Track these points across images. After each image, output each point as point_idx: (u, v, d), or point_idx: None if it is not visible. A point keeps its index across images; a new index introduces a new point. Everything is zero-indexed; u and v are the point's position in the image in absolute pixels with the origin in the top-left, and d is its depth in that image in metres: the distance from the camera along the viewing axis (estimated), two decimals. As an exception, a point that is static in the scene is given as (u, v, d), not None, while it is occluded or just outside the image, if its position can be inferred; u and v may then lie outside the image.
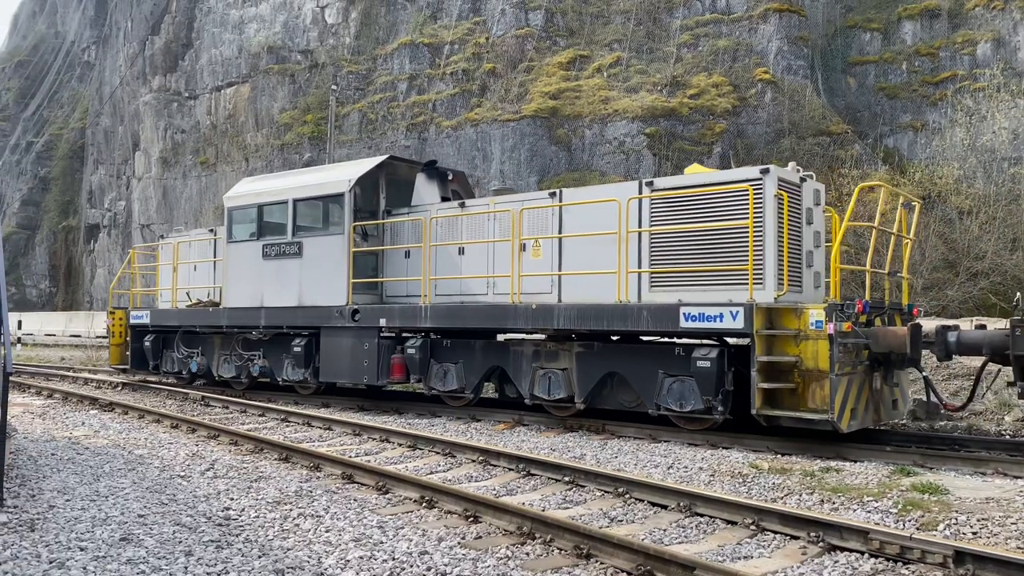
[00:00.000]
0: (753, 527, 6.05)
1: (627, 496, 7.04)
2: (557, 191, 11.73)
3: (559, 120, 30.27)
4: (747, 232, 9.36)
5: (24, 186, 54.52)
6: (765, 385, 8.89)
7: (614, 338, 10.95)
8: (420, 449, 9.56)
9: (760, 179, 9.56)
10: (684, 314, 9.52)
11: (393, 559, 5.25)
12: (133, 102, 47.02)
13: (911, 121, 28.86)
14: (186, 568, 5.00)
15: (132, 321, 17.34)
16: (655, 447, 9.52)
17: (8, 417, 11.95)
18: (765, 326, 9.06)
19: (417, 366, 12.43)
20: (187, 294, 16.84)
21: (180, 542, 5.56)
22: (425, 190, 13.77)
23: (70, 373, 19.79)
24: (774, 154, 28.06)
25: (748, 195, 9.36)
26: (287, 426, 11.59)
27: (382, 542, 5.65)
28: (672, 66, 30.65)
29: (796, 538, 5.81)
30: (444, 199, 13.72)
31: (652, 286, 10.37)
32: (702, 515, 6.45)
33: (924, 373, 9.54)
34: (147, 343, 17.02)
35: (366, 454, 9.36)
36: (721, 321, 9.23)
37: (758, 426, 9.37)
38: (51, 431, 10.85)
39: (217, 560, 5.17)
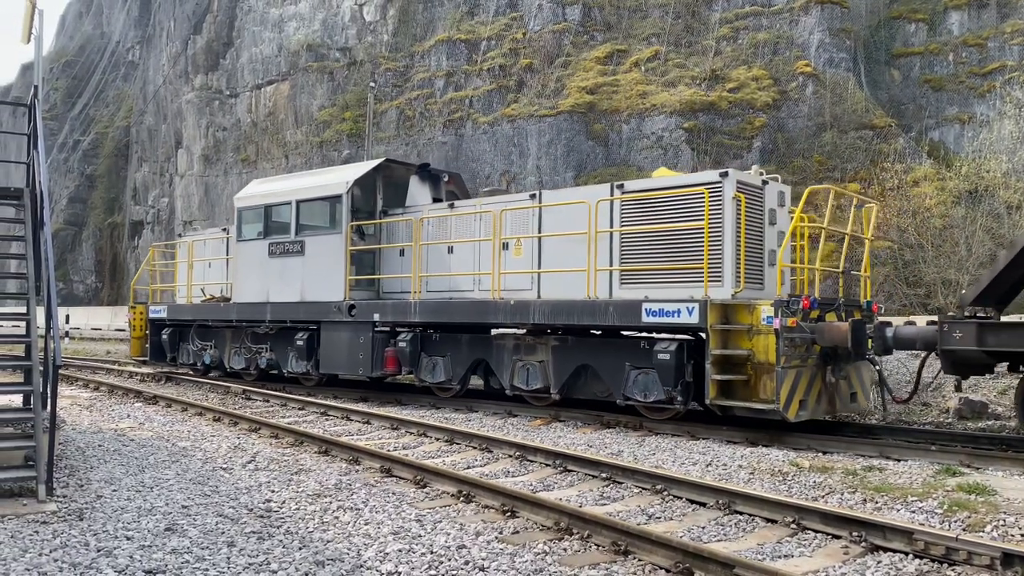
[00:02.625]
0: (794, 526, 5.98)
1: (665, 493, 7.00)
2: (537, 193, 12.33)
3: (596, 115, 30.12)
4: (703, 232, 9.88)
5: (71, 184, 55.74)
6: (718, 377, 9.42)
7: (597, 332, 11.39)
8: (457, 443, 9.60)
9: (719, 182, 10.07)
10: (646, 310, 10.12)
11: (431, 552, 5.28)
12: (176, 100, 47.83)
13: (958, 113, 28.18)
14: (229, 558, 5.09)
15: (151, 315, 18.27)
16: (693, 444, 9.45)
17: (57, 409, 12.27)
18: (720, 321, 9.60)
19: (408, 358, 13.10)
20: (202, 290, 17.58)
21: (223, 533, 5.65)
22: (418, 191, 14.32)
23: (115, 366, 20.21)
24: (815, 148, 27.62)
25: (704, 198, 9.88)
26: (326, 419, 11.71)
27: (420, 535, 5.69)
28: (711, 60, 30.32)
29: (838, 537, 5.72)
30: (436, 200, 14.22)
31: (622, 283, 10.99)
32: (741, 513, 6.39)
33: (878, 367, 9.94)
34: (164, 336, 17.96)
35: (404, 448, 9.42)
36: (678, 316, 9.79)
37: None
38: (98, 423, 11.10)
39: (259, 551, 5.25)
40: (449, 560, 5.14)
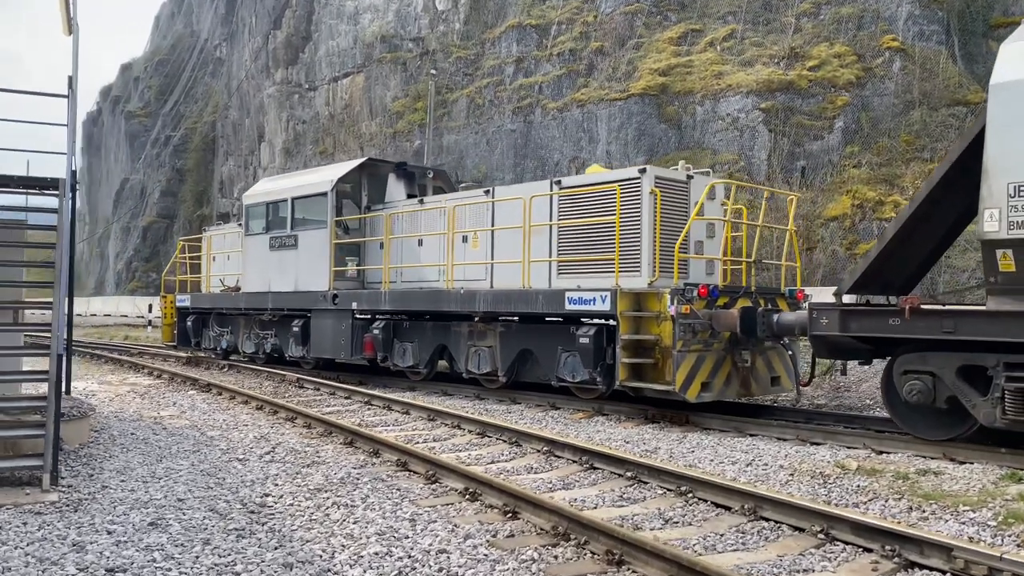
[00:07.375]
0: (821, 536, 5.40)
1: (689, 495, 6.48)
2: (491, 188, 13.19)
3: (669, 97, 29.17)
4: (616, 226, 10.57)
5: (163, 178, 57.81)
6: (628, 360, 10.02)
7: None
8: (489, 437, 9.27)
9: (638, 178, 10.65)
10: (568, 298, 10.76)
11: (409, 556, 4.92)
12: (258, 95, 48.96)
13: (1062, 86, 26.03)
14: (197, 558, 4.85)
15: (178, 304, 19.65)
16: (738, 441, 8.85)
17: (112, 397, 12.48)
18: (632, 308, 10.19)
19: (381, 344, 13.94)
20: (221, 280, 18.64)
21: (204, 529, 5.44)
22: (395, 188, 15.27)
23: (184, 354, 20.66)
24: (903, 127, 26.01)
25: (617, 193, 10.57)
26: (368, 409, 11.55)
27: (407, 536, 5.34)
28: (790, 37, 28.93)
29: (869, 551, 5.12)
30: (411, 196, 15.12)
31: (559, 273, 11.63)
32: (767, 520, 5.83)
33: (789, 352, 10.49)
34: (189, 323, 19.27)
35: (435, 440, 9.15)
36: (594, 304, 10.40)
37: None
38: (142, 411, 11.21)
39: (232, 550, 5.00)
40: (423, 567, 4.76)
